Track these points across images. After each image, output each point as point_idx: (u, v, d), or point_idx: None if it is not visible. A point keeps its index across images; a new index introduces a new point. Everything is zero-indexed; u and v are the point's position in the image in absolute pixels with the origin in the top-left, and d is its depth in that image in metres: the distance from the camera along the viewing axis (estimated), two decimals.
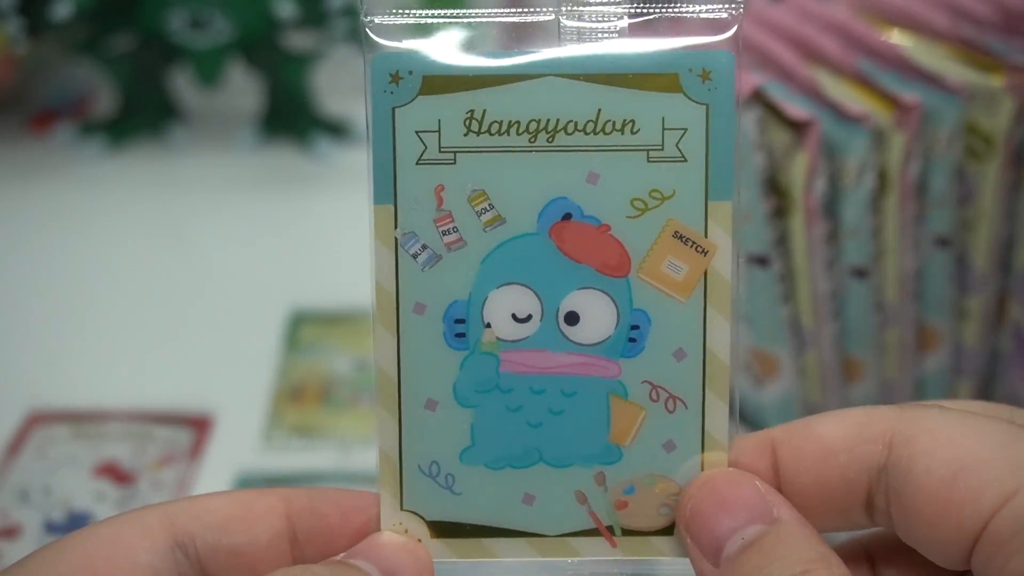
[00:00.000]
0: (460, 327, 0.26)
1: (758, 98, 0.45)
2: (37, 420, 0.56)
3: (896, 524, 0.25)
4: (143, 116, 0.83)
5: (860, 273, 0.47)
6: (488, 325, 0.26)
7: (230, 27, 0.77)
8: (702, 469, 0.27)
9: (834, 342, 0.49)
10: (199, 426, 0.56)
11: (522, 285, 0.26)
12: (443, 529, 0.27)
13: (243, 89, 0.84)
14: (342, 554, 0.26)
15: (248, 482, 0.52)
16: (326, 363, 0.60)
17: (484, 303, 0.26)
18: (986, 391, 0.52)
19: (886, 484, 0.25)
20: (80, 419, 0.56)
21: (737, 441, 0.27)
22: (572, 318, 0.26)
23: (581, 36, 0.26)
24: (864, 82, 0.47)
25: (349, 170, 0.80)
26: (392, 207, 0.27)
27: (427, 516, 0.27)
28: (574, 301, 0.26)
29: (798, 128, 0.45)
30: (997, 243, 0.48)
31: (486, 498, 0.27)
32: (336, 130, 0.82)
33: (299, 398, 0.58)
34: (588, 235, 0.26)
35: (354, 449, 0.54)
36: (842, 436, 0.26)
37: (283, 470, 0.53)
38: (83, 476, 0.52)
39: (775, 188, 0.46)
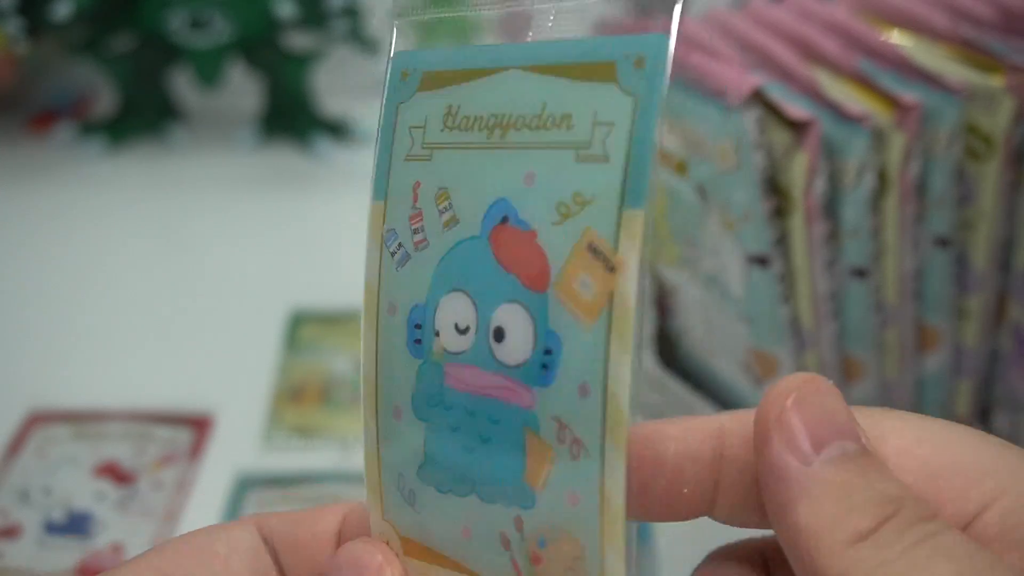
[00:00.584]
0: (418, 333, 0.25)
1: (758, 98, 0.45)
2: (37, 420, 0.56)
3: None
4: (143, 116, 0.83)
5: (860, 273, 0.47)
6: (437, 333, 0.24)
7: (230, 27, 0.77)
8: (600, 536, 0.22)
9: (834, 342, 0.49)
10: (199, 426, 0.56)
11: (464, 293, 0.24)
12: (411, 547, 0.25)
13: (243, 89, 0.84)
14: None
15: (248, 482, 0.52)
16: (326, 363, 0.60)
17: (436, 309, 0.24)
18: (986, 391, 0.52)
19: None
20: (80, 419, 0.56)
21: (685, 421, 0.25)
22: (499, 334, 0.24)
23: (549, 22, 0.24)
24: (864, 82, 0.47)
25: (349, 170, 0.80)
26: (383, 204, 0.25)
27: (400, 530, 0.26)
28: (501, 315, 0.24)
29: (798, 128, 0.44)
30: (997, 243, 0.48)
31: (437, 522, 0.25)
32: (336, 130, 0.82)
33: (299, 398, 0.58)
34: (518, 241, 0.23)
35: (354, 449, 0.54)
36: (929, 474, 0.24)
37: (283, 470, 0.53)
38: (83, 476, 0.52)
39: (775, 188, 0.46)
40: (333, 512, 0.28)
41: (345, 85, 0.86)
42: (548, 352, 0.23)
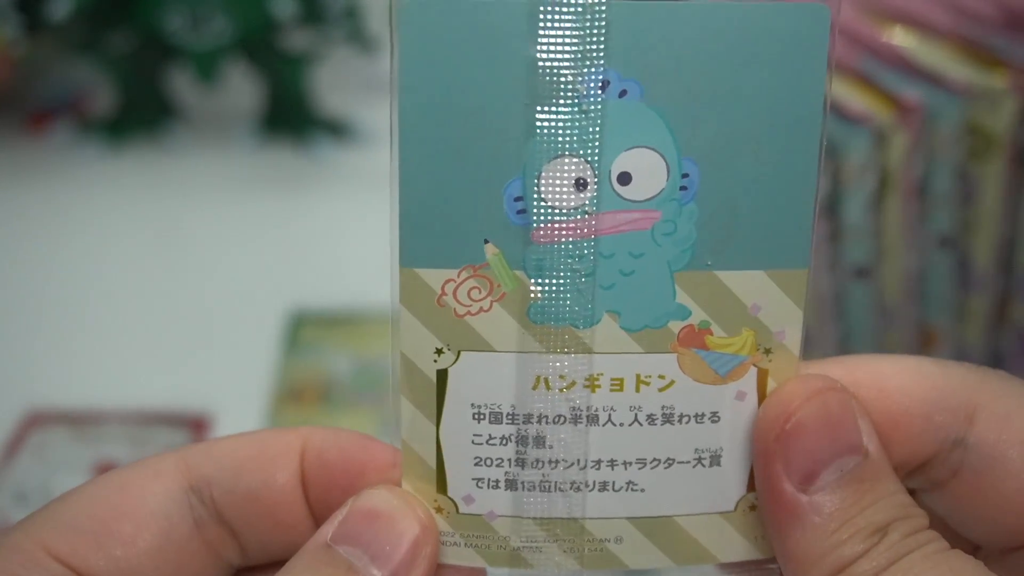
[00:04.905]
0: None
1: None
2: (35, 421, 0.56)
3: (952, 497, 0.24)
4: (141, 115, 0.83)
5: (862, 273, 0.47)
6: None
7: (229, 27, 0.77)
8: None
9: (836, 343, 0.48)
10: (197, 427, 0.55)
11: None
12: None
13: (243, 89, 0.84)
14: (331, 532, 0.24)
15: None
16: (326, 363, 0.60)
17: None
18: None
19: (960, 459, 0.23)
20: (78, 420, 0.56)
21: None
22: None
23: None
24: (866, 81, 0.47)
25: (349, 170, 0.79)
26: None
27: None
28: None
29: None
30: (999, 243, 0.48)
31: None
32: (336, 130, 0.82)
33: (299, 399, 0.58)
34: None
35: None
36: (920, 398, 0.23)
37: None
38: (81, 477, 0.52)
39: None
40: (286, 456, 0.25)
41: (345, 85, 0.85)
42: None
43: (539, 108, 0.23)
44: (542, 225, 0.24)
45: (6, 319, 0.65)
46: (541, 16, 0.23)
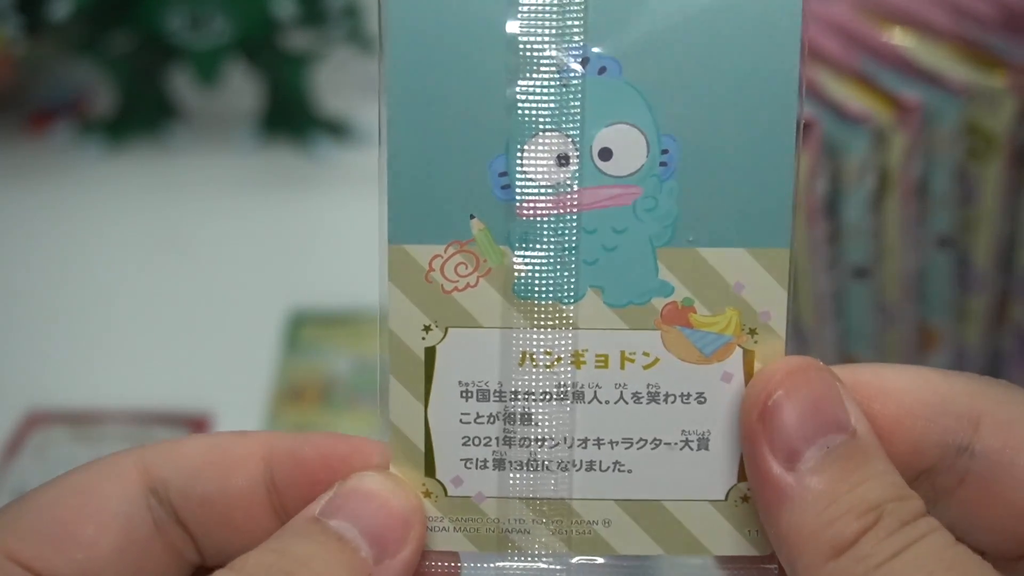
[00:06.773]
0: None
1: None
2: (36, 421, 0.56)
3: (959, 505, 0.24)
4: (142, 116, 0.83)
5: (861, 273, 0.47)
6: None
7: (230, 27, 0.77)
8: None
9: (835, 343, 0.48)
10: (198, 427, 0.56)
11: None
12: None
13: (243, 89, 0.84)
14: (319, 508, 0.23)
15: None
16: (326, 363, 0.60)
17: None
18: None
19: (966, 466, 0.23)
20: (79, 420, 0.56)
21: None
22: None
23: None
24: (865, 81, 0.47)
25: (349, 170, 0.79)
26: None
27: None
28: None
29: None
30: (999, 243, 0.48)
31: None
32: (336, 130, 0.82)
33: (299, 398, 0.58)
34: None
35: None
36: (922, 400, 0.23)
37: None
38: None
39: None
40: (246, 461, 0.24)
41: (345, 85, 0.85)
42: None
43: (520, 84, 0.24)
44: (526, 200, 0.24)
45: (6, 319, 0.65)
46: None
